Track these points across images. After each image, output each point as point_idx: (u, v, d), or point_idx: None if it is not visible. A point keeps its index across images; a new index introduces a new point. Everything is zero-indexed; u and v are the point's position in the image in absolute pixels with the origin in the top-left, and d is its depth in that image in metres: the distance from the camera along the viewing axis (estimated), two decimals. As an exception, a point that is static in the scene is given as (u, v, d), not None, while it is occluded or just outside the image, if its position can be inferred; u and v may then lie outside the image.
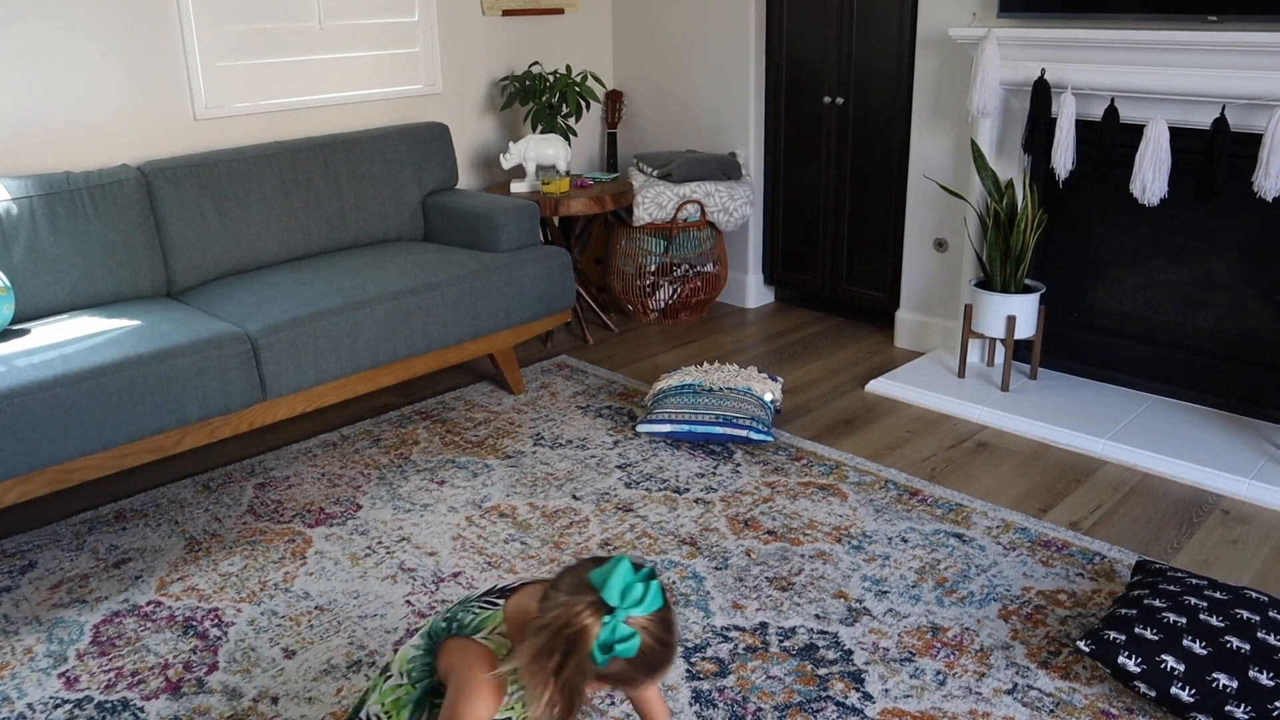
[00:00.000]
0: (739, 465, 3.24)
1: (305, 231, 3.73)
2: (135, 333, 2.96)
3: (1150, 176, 3.25)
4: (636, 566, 1.53)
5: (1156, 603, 2.23)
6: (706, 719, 2.13)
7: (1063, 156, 3.43)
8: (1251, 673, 2.06)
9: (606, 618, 1.47)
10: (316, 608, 2.53)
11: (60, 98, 3.38)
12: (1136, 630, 2.16)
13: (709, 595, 2.55)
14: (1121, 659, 2.12)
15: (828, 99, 4.40)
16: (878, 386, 3.84)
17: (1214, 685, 2.05)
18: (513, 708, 1.66)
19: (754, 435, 3.29)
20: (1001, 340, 3.70)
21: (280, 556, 2.76)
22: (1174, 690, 2.06)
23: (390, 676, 1.78)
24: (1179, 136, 3.23)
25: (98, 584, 2.65)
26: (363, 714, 1.80)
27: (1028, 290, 3.64)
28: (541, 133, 4.44)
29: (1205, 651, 2.10)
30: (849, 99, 4.33)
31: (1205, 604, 2.21)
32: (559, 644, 1.48)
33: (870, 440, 3.44)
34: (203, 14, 3.64)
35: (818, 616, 2.46)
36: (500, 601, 1.71)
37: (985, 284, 3.70)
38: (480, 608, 1.70)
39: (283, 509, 3.02)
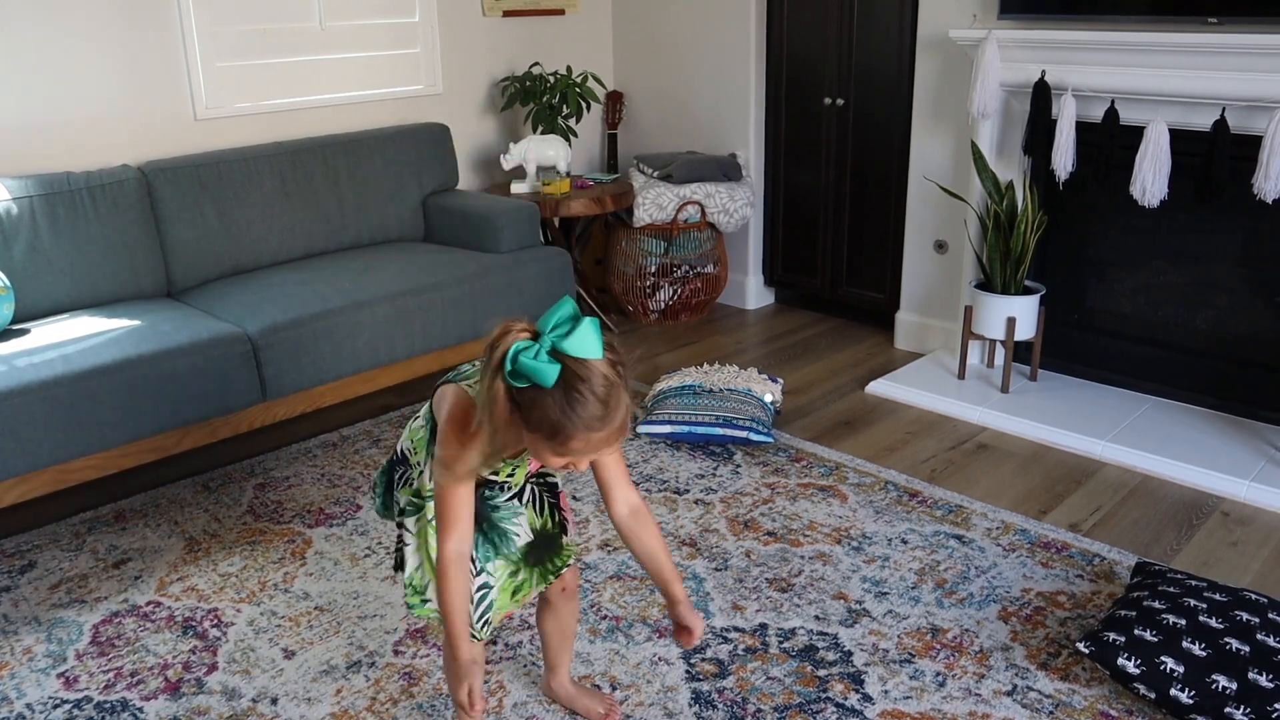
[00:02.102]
0: (739, 466, 3.24)
1: (305, 232, 3.73)
2: (135, 333, 2.96)
3: (1150, 178, 3.25)
4: (590, 317, 1.55)
5: (1156, 604, 2.23)
6: (706, 720, 2.13)
7: (1063, 158, 3.43)
8: (1251, 674, 2.06)
9: (528, 340, 1.51)
10: (316, 608, 2.53)
11: (60, 97, 3.38)
12: (1136, 632, 2.15)
13: (709, 596, 2.55)
14: (1121, 660, 2.12)
15: (828, 100, 4.40)
16: (878, 388, 3.84)
17: (1213, 687, 2.05)
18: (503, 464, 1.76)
19: (754, 436, 3.29)
20: (1001, 342, 3.70)
21: (280, 557, 2.76)
22: (1173, 692, 2.06)
23: (418, 418, 1.88)
24: (1179, 138, 3.23)
25: (97, 584, 2.65)
26: (398, 448, 1.91)
27: (1028, 292, 3.64)
28: (542, 133, 4.44)
29: (1205, 653, 2.10)
30: (849, 100, 4.34)
31: (1205, 606, 2.21)
32: (490, 364, 1.54)
33: (870, 442, 3.44)
34: (203, 14, 3.64)
35: (817, 618, 2.46)
36: None
37: (985, 285, 3.70)
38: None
39: (282, 509, 3.02)
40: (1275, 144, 2.98)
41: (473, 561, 1.82)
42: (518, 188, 4.35)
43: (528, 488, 1.90)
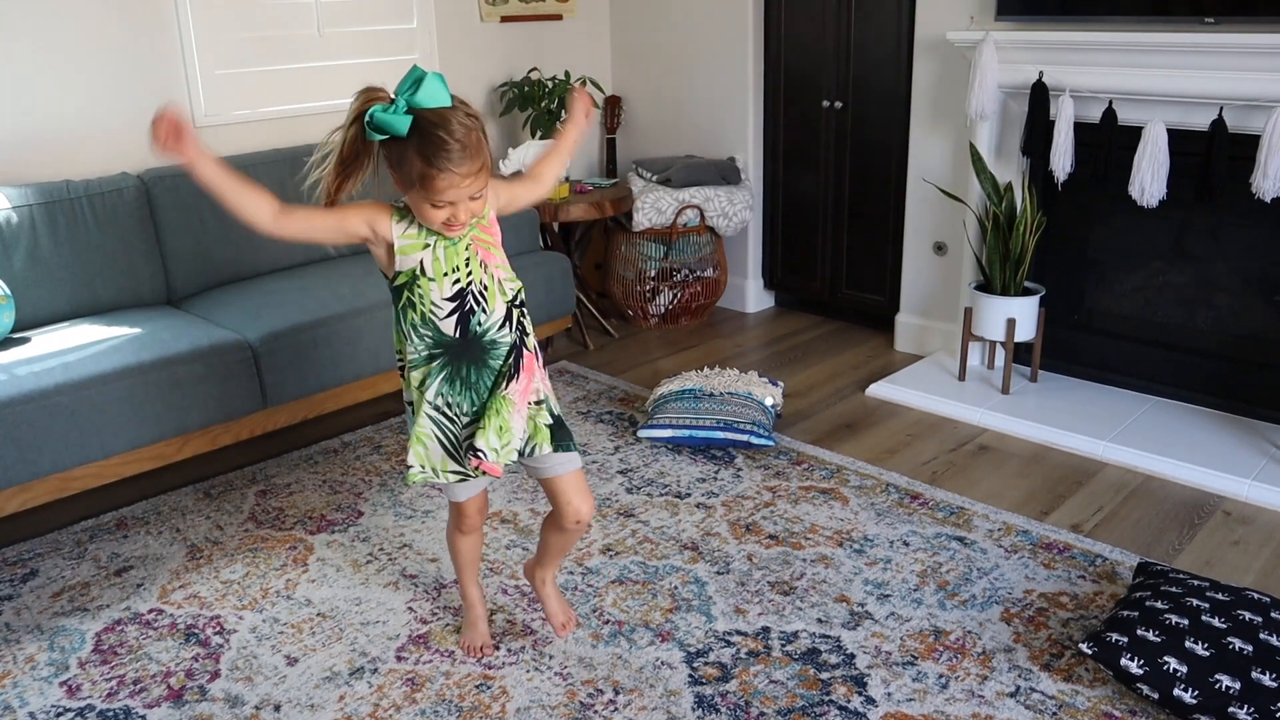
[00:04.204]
0: (740, 470, 3.24)
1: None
2: (136, 340, 2.96)
3: (1149, 178, 3.25)
4: (434, 72, 1.82)
5: (1158, 604, 2.23)
6: (709, 724, 2.13)
7: (1061, 159, 3.43)
8: (1254, 674, 2.06)
9: (382, 105, 1.78)
10: (318, 615, 2.53)
11: (60, 106, 3.39)
12: (1139, 632, 2.15)
13: (711, 600, 2.55)
14: (1124, 661, 2.12)
15: (826, 103, 4.40)
16: (878, 390, 3.84)
17: (1217, 687, 2.04)
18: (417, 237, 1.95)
19: (755, 440, 3.29)
20: (1001, 343, 3.70)
21: (282, 564, 2.76)
22: (1177, 692, 2.06)
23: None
24: (1177, 138, 3.23)
25: (99, 592, 2.65)
26: (397, 365, 2.12)
27: (1027, 293, 3.64)
28: (540, 139, 4.44)
29: (1208, 653, 2.10)
30: (848, 103, 4.34)
31: (1207, 605, 2.21)
32: (348, 118, 1.85)
33: (871, 444, 3.44)
34: (202, 22, 3.65)
35: (820, 620, 2.46)
36: None
37: (985, 287, 3.70)
38: None
39: (284, 516, 3.02)
40: (1273, 143, 2.98)
41: (464, 414, 2.03)
42: (517, 193, 4.34)
43: (513, 315, 2.05)
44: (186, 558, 2.81)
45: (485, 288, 1.99)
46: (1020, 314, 3.61)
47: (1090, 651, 2.18)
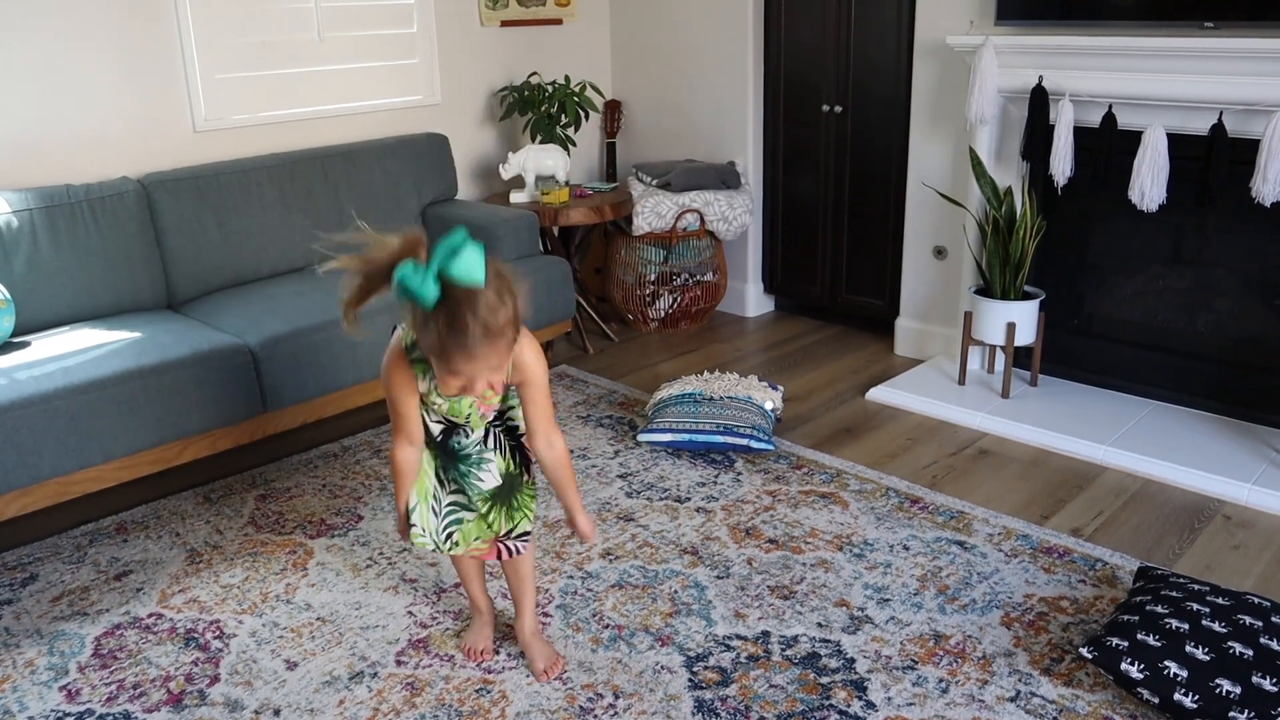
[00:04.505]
0: (740, 474, 3.23)
1: (305, 243, 3.73)
2: (136, 345, 2.96)
3: (1149, 183, 3.25)
4: (477, 243, 1.70)
5: (1159, 609, 2.23)
6: (709, 728, 2.13)
7: (1061, 163, 3.44)
8: (1255, 678, 2.05)
9: (415, 262, 1.69)
10: (318, 619, 2.53)
11: (60, 110, 3.39)
12: (1139, 637, 2.15)
13: (711, 604, 2.55)
14: (1124, 665, 2.12)
15: (826, 107, 4.40)
16: (878, 394, 3.84)
17: (1217, 691, 2.04)
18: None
19: (755, 444, 3.29)
20: (1001, 347, 3.70)
21: (282, 568, 2.76)
22: (1177, 696, 2.06)
23: None
24: (1177, 143, 3.24)
25: (99, 596, 2.65)
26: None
27: (1027, 297, 3.64)
28: (540, 143, 4.45)
29: (1208, 657, 2.09)
30: (847, 107, 4.34)
31: (1208, 610, 2.21)
32: (390, 251, 1.74)
33: (871, 448, 3.43)
34: (202, 27, 3.65)
35: (820, 625, 2.46)
36: None
37: (985, 291, 3.70)
38: None
39: (284, 520, 3.02)
40: (1273, 147, 2.98)
41: (455, 483, 2.14)
42: (517, 197, 4.35)
43: (491, 432, 2.10)
44: (186, 562, 2.81)
45: (469, 419, 2.06)
46: (1020, 318, 3.61)
47: (1090, 656, 2.17)
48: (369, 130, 4.18)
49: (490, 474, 2.13)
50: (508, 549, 2.20)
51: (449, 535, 2.17)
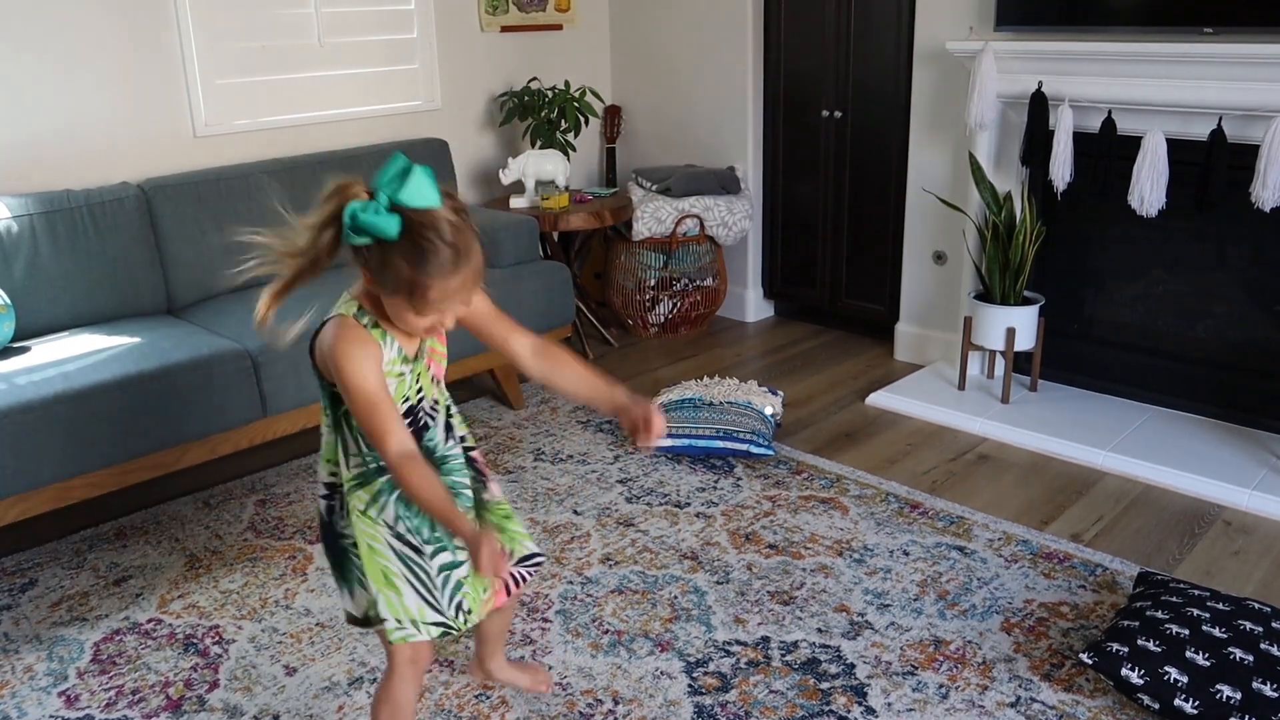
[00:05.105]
0: (740, 479, 3.23)
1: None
2: (136, 350, 2.96)
3: (1148, 188, 3.26)
4: (423, 165, 1.54)
5: (1159, 614, 2.23)
6: (709, 734, 2.12)
7: (1060, 169, 3.44)
8: (1255, 684, 2.05)
9: (364, 200, 1.52)
10: (317, 624, 2.52)
11: (60, 115, 3.39)
12: (1139, 642, 2.15)
13: (711, 610, 2.54)
14: (1125, 671, 2.11)
15: (826, 113, 4.41)
16: (878, 400, 3.84)
17: (1217, 697, 2.04)
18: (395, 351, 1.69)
19: (755, 449, 3.29)
20: (1001, 352, 3.70)
21: (281, 573, 2.76)
22: (1177, 702, 2.06)
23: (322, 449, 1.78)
24: (1176, 148, 3.24)
25: (98, 602, 2.65)
26: (319, 499, 1.79)
27: (1027, 302, 3.64)
28: (540, 148, 4.45)
29: (1208, 663, 2.09)
30: (847, 113, 4.35)
31: (1208, 615, 2.21)
32: (320, 215, 1.59)
33: (871, 453, 3.43)
34: (203, 32, 3.65)
35: (820, 630, 2.45)
36: None
37: (984, 296, 3.70)
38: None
39: (284, 525, 3.01)
40: (1272, 153, 2.99)
41: (427, 542, 1.74)
42: (517, 202, 4.35)
43: (451, 426, 1.84)
44: (185, 567, 2.80)
45: (435, 403, 1.78)
46: (1020, 323, 3.61)
47: (1091, 661, 2.17)
48: (369, 135, 4.18)
49: (467, 480, 1.84)
50: (517, 578, 1.90)
51: (458, 605, 1.78)
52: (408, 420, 1.70)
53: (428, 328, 1.64)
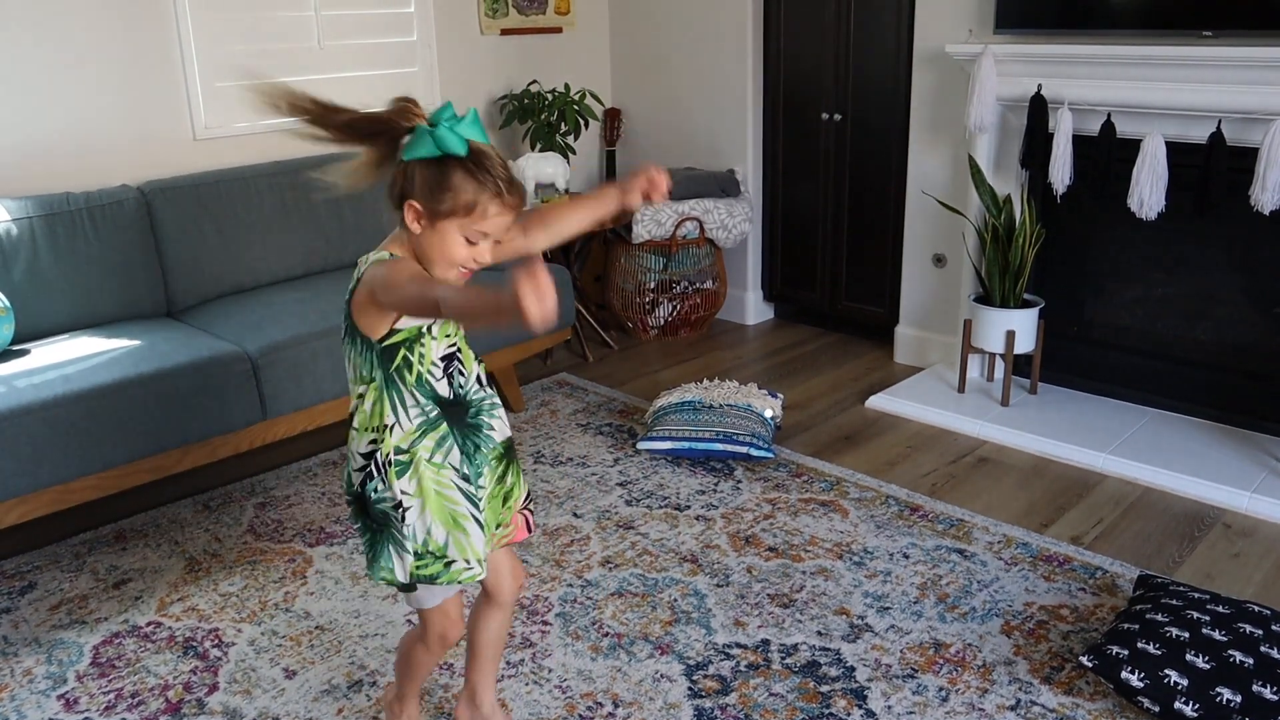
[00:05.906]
0: (740, 482, 3.23)
1: (305, 251, 3.73)
2: (135, 353, 2.96)
3: (1148, 191, 3.26)
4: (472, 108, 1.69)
5: (1159, 617, 2.23)
6: (709, 737, 2.12)
7: (1060, 171, 3.44)
8: (1255, 687, 2.05)
9: (424, 125, 1.66)
10: (317, 627, 2.52)
11: (60, 118, 3.39)
12: (1139, 645, 2.15)
13: (710, 612, 2.54)
14: (1125, 674, 2.11)
15: (825, 115, 4.41)
16: (878, 402, 3.84)
17: (1218, 700, 2.04)
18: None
19: (754, 452, 3.29)
20: (1001, 355, 3.70)
21: (281, 576, 2.76)
22: (1177, 705, 2.05)
23: (354, 415, 1.77)
24: (1176, 151, 3.24)
25: (97, 605, 2.64)
26: (351, 472, 1.78)
27: (1027, 305, 3.64)
28: (540, 151, 4.45)
29: (1208, 666, 2.09)
30: (847, 115, 4.35)
31: (1208, 618, 2.21)
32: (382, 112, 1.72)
33: (871, 456, 3.43)
34: (203, 34, 3.66)
35: (820, 633, 2.45)
36: None
37: (984, 299, 3.70)
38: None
39: (283, 528, 3.01)
40: (1272, 156, 2.99)
41: (464, 478, 1.76)
42: (517, 205, 4.35)
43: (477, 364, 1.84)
44: (185, 570, 2.80)
45: (460, 348, 1.79)
46: (1020, 326, 3.61)
47: (1091, 664, 2.17)
48: (369, 138, 4.18)
49: (501, 420, 1.85)
50: (528, 522, 1.93)
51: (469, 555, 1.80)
52: (445, 362, 1.75)
53: (466, 262, 1.67)
